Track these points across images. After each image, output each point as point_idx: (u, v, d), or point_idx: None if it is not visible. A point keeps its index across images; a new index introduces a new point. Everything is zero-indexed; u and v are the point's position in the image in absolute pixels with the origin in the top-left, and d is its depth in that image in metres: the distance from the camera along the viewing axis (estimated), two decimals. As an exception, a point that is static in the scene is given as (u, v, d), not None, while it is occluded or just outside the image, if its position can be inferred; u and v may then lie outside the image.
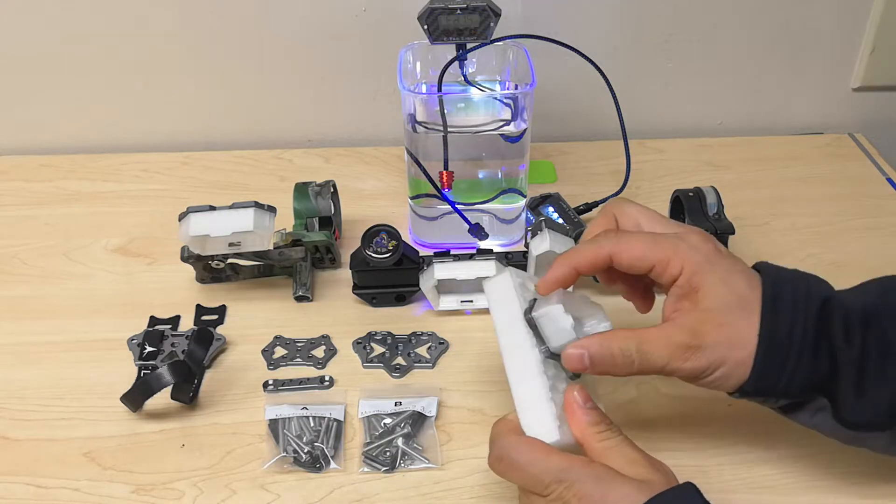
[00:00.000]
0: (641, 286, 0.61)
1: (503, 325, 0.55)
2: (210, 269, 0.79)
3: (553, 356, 0.54)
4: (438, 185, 0.77)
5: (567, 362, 0.53)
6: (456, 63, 0.78)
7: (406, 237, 0.78)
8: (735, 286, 0.54)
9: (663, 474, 0.50)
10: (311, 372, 0.71)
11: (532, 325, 0.55)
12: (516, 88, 0.82)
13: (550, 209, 0.81)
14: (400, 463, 0.63)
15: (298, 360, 0.72)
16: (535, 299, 0.56)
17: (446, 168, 0.78)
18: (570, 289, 0.72)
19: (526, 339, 0.54)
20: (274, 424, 0.65)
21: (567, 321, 0.53)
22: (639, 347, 0.53)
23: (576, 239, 0.79)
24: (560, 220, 0.80)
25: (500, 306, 0.56)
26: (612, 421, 0.53)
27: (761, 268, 0.56)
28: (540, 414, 0.52)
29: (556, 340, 0.54)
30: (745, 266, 0.56)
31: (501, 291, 0.56)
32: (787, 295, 0.54)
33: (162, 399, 0.66)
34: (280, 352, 0.73)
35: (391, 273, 0.75)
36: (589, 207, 0.86)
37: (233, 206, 0.74)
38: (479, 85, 0.82)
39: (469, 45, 0.77)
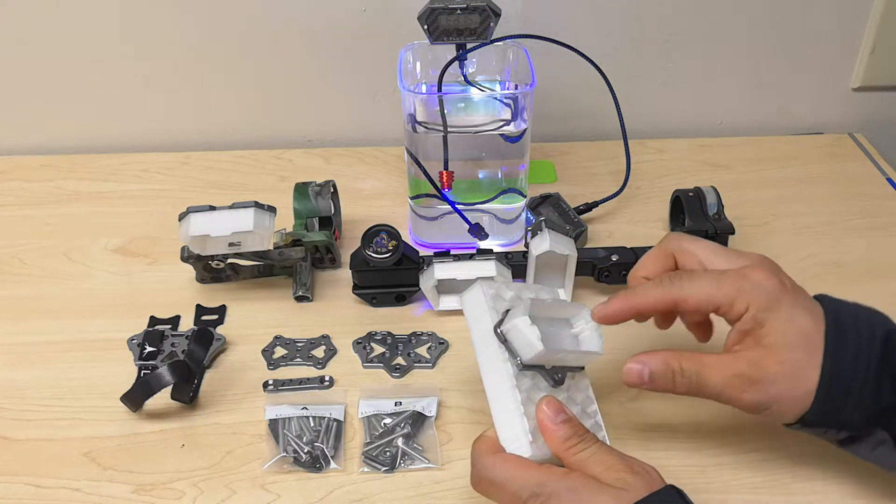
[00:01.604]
0: (703, 319, 0.61)
1: (478, 339, 0.55)
2: (210, 269, 0.79)
3: (528, 367, 0.54)
4: (438, 185, 0.77)
5: (627, 377, 0.55)
6: (456, 63, 0.77)
7: (406, 237, 0.78)
8: (799, 323, 0.54)
9: (644, 478, 0.49)
10: (311, 372, 0.71)
11: (502, 338, 0.54)
12: (516, 88, 0.82)
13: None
14: (400, 463, 0.63)
15: (298, 360, 0.72)
16: (507, 310, 0.55)
17: (446, 168, 0.78)
18: (562, 294, 0.72)
19: (497, 353, 0.54)
20: (274, 424, 0.65)
21: (534, 334, 0.52)
22: (698, 371, 0.54)
23: (576, 238, 0.79)
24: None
25: (474, 321, 0.56)
26: (586, 429, 0.52)
27: (822, 300, 0.56)
28: (514, 430, 0.52)
29: (525, 353, 0.53)
30: (809, 299, 0.56)
31: (474, 305, 0.56)
32: (849, 329, 0.54)
33: (162, 399, 0.66)
34: (280, 352, 0.73)
35: (391, 273, 0.75)
36: (589, 207, 0.86)
37: (233, 206, 0.74)
38: (479, 85, 0.82)
39: (469, 45, 0.77)
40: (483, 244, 0.80)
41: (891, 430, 0.54)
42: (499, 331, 0.54)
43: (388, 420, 0.66)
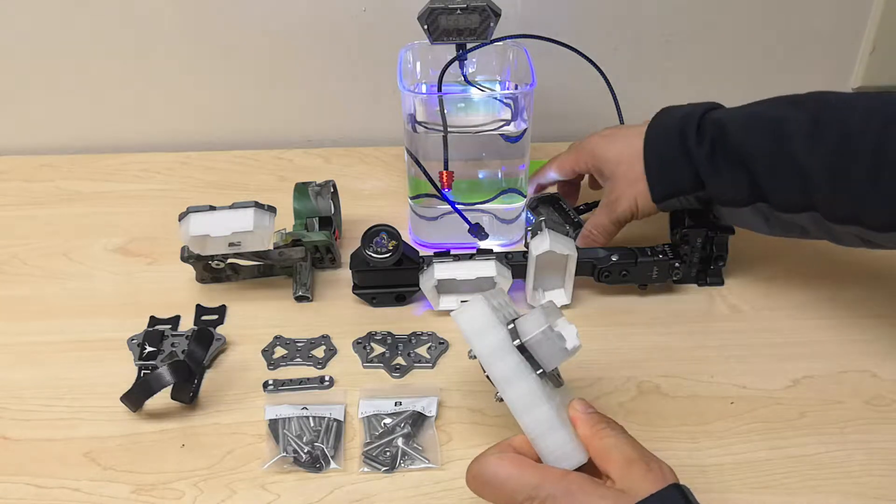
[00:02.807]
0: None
1: (490, 354, 0.54)
2: (210, 269, 0.79)
3: (544, 375, 0.54)
4: (438, 184, 0.77)
5: (581, 242, 0.77)
6: (456, 63, 0.77)
7: (406, 237, 0.78)
8: (618, 146, 0.76)
9: (655, 476, 0.49)
10: (311, 372, 0.71)
11: (522, 350, 0.54)
12: (516, 88, 0.82)
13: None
14: (400, 463, 0.63)
15: (298, 360, 0.72)
16: (513, 320, 0.55)
17: (446, 168, 0.78)
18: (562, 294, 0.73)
19: (521, 367, 0.53)
20: (274, 424, 0.65)
21: (567, 342, 0.54)
22: (604, 219, 0.77)
23: (576, 238, 0.79)
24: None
25: (480, 336, 0.54)
26: (612, 420, 0.53)
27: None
28: (557, 439, 0.52)
29: (553, 362, 0.54)
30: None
31: (479, 321, 0.54)
32: (658, 126, 0.74)
33: (162, 399, 0.66)
34: (280, 352, 0.73)
35: (391, 273, 0.75)
36: (589, 207, 0.86)
37: (233, 206, 0.74)
38: (479, 85, 0.82)
39: (469, 45, 0.77)
40: (483, 244, 0.80)
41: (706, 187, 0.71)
42: (519, 344, 0.54)
43: (388, 420, 0.66)
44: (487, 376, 0.55)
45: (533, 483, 0.49)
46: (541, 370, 0.54)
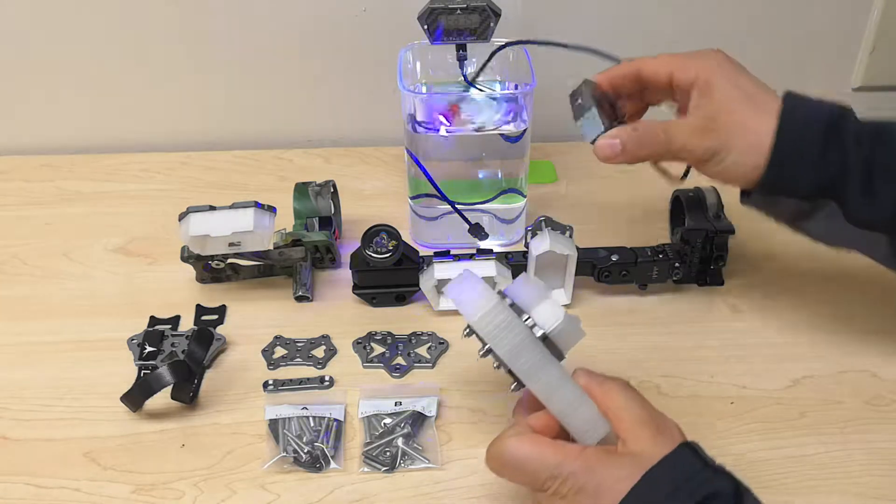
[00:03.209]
0: (663, 96, 0.68)
1: (514, 350, 0.53)
2: (210, 269, 0.79)
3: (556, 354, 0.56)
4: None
5: (600, 151, 0.64)
6: (456, 63, 0.78)
7: (406, 237, 0.78)
8: (743, 86, 0.62)
9: (666, 438, 0.51)
10: (311, 372, 0.71)
11: (544, 339, 0.55)
12: (516, 88, 0.82)
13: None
14: (400, 463, 0.63)
15: (298, 360, 0.72)
16: (521, 311, 0.56)
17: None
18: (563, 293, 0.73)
19: (545, 355, 0.54)
20: (274, 424, 0.65)
21: (581, 332, 0.56)
22: (665, 129, 0.62)
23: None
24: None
25: (502, 336, 0.54)
26: (616, 379, 0.56)
27: (784, 95, 0.62)
28: (586, 413, 0.53)
29: (571, 345, 0.56)
30: (756, 77, 0.64)
31: (500, 322, 0.54)
32: (801, 107, 0.61)
33: (162, 399, 0.66)
34: (280, 352, 0.73)
35: (391, 273, 0.75)
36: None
37: (233, 206, 0.74)
38: (479, 85, 0.82)
39: (498, 45, 0.76)
40: (483, 244, 0.80)
41: (837, 199, 0.60)
42: (543, 335, 0.55)
43: (388, 420, 0.66)
44: (507, 370, 0.55)
45: (554, 462, 0.50)
46: (561, 355, 0.55)
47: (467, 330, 0.56)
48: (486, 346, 0.55)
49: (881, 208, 0.59)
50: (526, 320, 0.55)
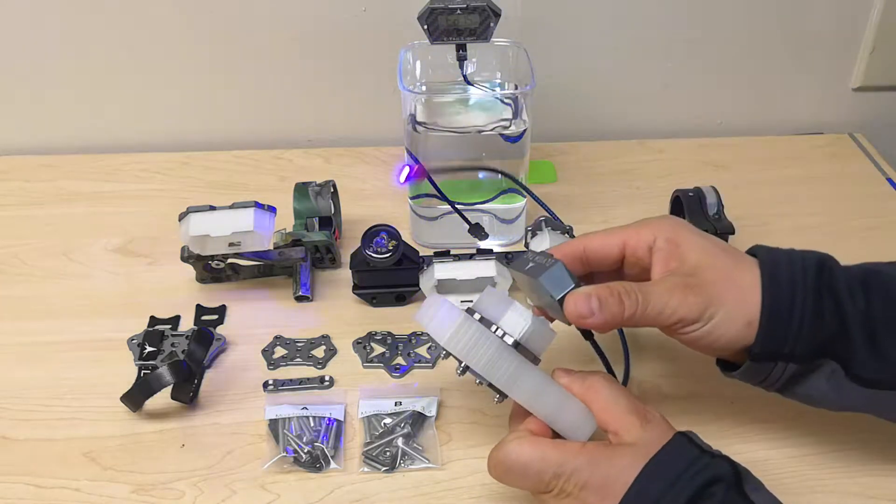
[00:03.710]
0: (616, 266, 0.60)
1: (489, 363, 0.53)
2: (210, 269, 0.79)
3: (536, 360, 0.56)
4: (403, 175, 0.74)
5: (574, 307, 0.53)
6: (456, 63, 0.78)
7: (406, 237, 0.78)
8: (709, 239, 0.56)
9: (654, 428, 0.52)
10: (311, 372, 0.71)
11: (517, 346, 0.54)
12: (516, 88, 0.82)
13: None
14: (400, 463, 0.63)
15: (298, 360, 0.72)
16: (490, 323, 0.55)
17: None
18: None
19: (522, 363, 0.54)
20: (274, 424, 0.65)
21: (552, 333, 0.56)
22: (641, 288, 0.54)
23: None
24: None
25: (475, 350, 0.53)
26: (593, 372, 0.56)
27: (754, 249, 0.57)
28: (573, 411, 0.54)
29: (544, 347, 0.56)
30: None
31: (470, 337, 0.53)
32: (782, 258, 0.55)
33: (162, 399, 0.66)
34: (280, 352, 0.73)
35: (391, 273, 0.75)
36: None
37: (233, 206, 0.74)
38: (479, 85, 0.82)
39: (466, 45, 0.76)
40: (483, 244, 0.80)
41: (839, 359, 0.54)
42: (515, 342, 0.54)
43: (388, 420, 0.66)
44: (487, 384, 0.55)
45: (556, 460, 0.51)
46: (536, 358, 0.55)
47: (444, 352, 0.55)
48: (463, 364, 0.54)
49: (891, 364, 0.54)
50: (495, 331, 0.54)
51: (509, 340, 0.54)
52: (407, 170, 0.72)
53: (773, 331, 0.53)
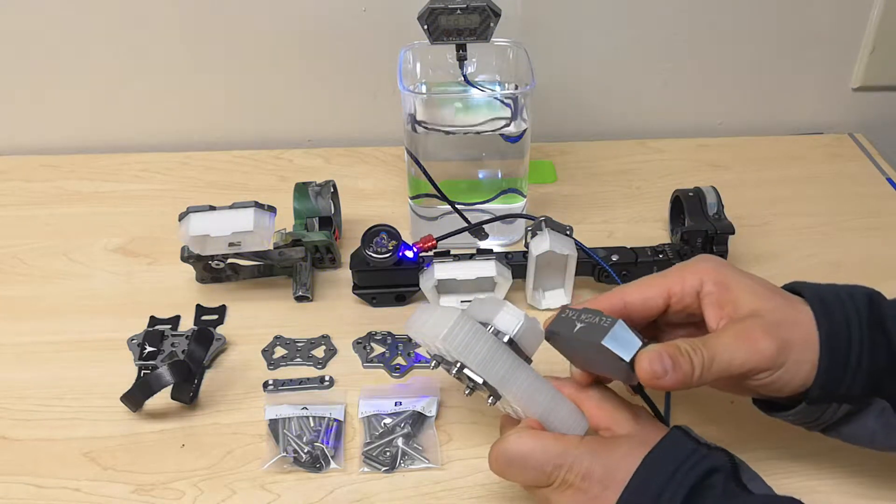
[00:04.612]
0: (653, 317, 0.56)
1: (483, 361, 0.53)
2: (210, 269, 0.79)
3: (529, 360, 0.56)
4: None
5: (650, 366, 0.49)
6: (456, 63, 0.78)
7: (406, 237, 0.78)
8: (759, 280, 0.54)
9: (645, 423, 0.53)
10: (311, 372, 0.71)
11: (511, 344, 0.55)
12: (516, 88, 0.82)
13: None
14: (400, 463, 0.63)
15: (298, 360, 0.72)
16: (484, 324, 0.55)
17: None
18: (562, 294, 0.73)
19: (517, 361, 0.54)
20: (274, 424, 0.65)
21: (542, 333, 0.56)
22: (705, 343, 0.50)
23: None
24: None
25: (471, 347, 0.53)
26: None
27: (797, 284, 0.55)
28: (565, 410, 0.54)
29: (535, 347, 0.56)
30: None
31: (466, 333, 0.53)
32: (829, 294, 0.53)
33: (162, 399, 0.66)
34: (280, 352, 0.73)
35: (391, 273, 0.75)
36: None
37: (233, 206, 0.74)
38: (479, 85, 0.82)
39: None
40: (483, 244, 0.80)
41: (889, 396, 0.52)
42: (510, 340, 0.54)
43: (388, 420, 0.66)
44: (480, 387, 0.54)
45: (557, 451, 0.51)
46: (528, 359, 0.56)
47: (434, 362, 0.56)
48: (458, 365, 0.53)
49: None
50: (490, 330, 0.54)
51: (504, 339, 0.54)
52: (411, 252, 0.74)
53: (832, 371, 0.51)
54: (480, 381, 0.54)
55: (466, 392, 0.56)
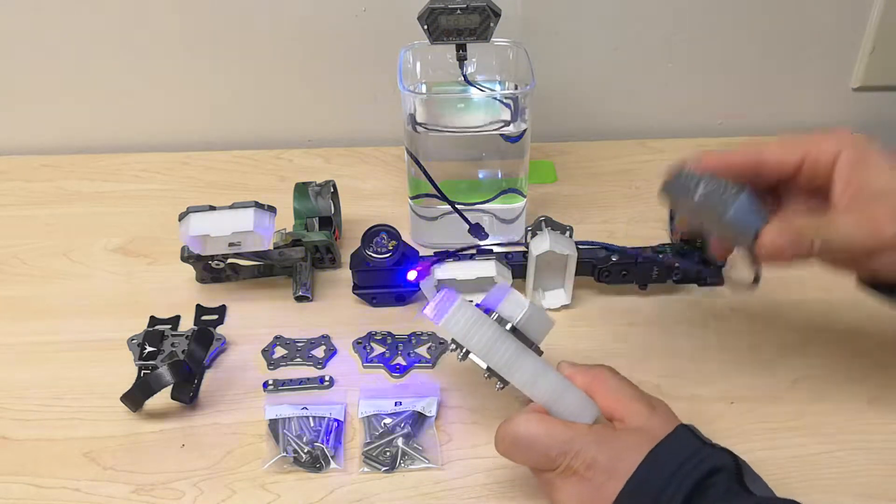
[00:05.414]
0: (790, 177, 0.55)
1: (486, 346, 0.55)
2: (210, 269, 0.79)
3: (536, 349, 0.58)
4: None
5: (772, 242, 0.49)
6: (456, 63, 0.78)
7: (406, 237, 0.78)
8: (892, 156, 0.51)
9: (660, 417, 0.53)
10: (311, 372, 0.71)
11: (515, 331, 0.57)
12: (516, 88, 0.82)
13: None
14: (400, 463, 0.63)
15: (298, 360, 0.72)
16: (489, 311, 0.57)
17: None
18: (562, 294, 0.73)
19: (521, 347, 0.56)
20: (274, 424, 0.65)
21: (550, 321, 0.58)
22: (831, 221, 0.51)
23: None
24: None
25: (472, 332, 0.56)
26: (599, 365, 0.58)
27: None
28: (572, 398, 0.55)
29: (542, 334, 0.58)
30: None
31: (467, 318, 0.56)
32: None
33: (162, 399, 0.66)
34: (280, 352, 0.73)
35: (391, 273, 0.75)
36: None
37: (233, 206, 0.74)
38: (479, 85, 0.82)
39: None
40: (483, 244, 0.80)
41: None
42: (513, 327, 0.56)
43: (388, 420, 0.66)
44: (487, 372, 0.57)
45: (564, 438, 0.52)
46: (534, 345, 0.57)
47: (451, 345, 0.58)
48: (464, 349, 0.56)
49: None
50: (494, 318, 0.57)
51: (507, 326, 0.56)
52: (414, 273, 0.74)
53: None
54: (484, 366, 0.56)
55: (485, 375, 0.57)
